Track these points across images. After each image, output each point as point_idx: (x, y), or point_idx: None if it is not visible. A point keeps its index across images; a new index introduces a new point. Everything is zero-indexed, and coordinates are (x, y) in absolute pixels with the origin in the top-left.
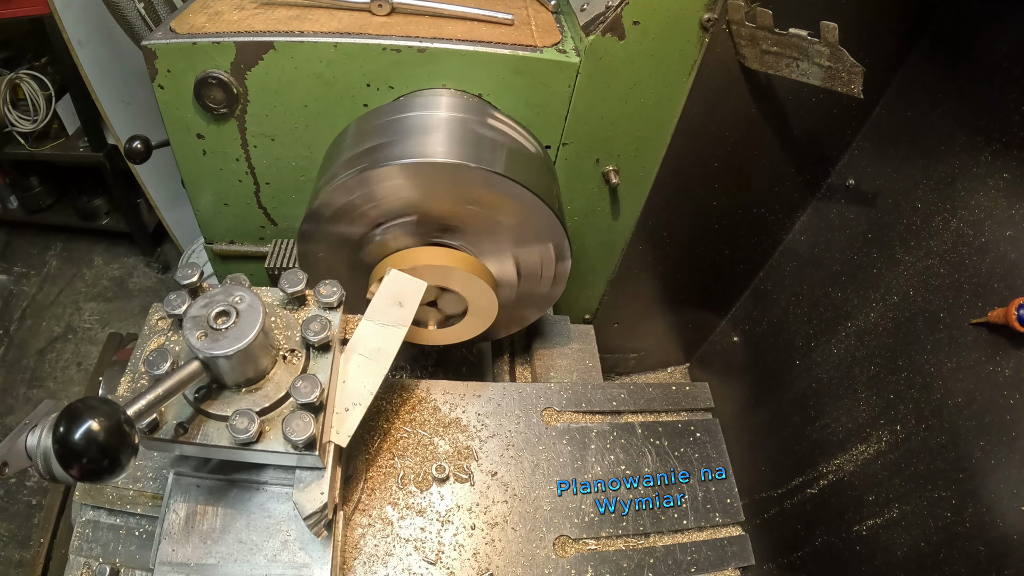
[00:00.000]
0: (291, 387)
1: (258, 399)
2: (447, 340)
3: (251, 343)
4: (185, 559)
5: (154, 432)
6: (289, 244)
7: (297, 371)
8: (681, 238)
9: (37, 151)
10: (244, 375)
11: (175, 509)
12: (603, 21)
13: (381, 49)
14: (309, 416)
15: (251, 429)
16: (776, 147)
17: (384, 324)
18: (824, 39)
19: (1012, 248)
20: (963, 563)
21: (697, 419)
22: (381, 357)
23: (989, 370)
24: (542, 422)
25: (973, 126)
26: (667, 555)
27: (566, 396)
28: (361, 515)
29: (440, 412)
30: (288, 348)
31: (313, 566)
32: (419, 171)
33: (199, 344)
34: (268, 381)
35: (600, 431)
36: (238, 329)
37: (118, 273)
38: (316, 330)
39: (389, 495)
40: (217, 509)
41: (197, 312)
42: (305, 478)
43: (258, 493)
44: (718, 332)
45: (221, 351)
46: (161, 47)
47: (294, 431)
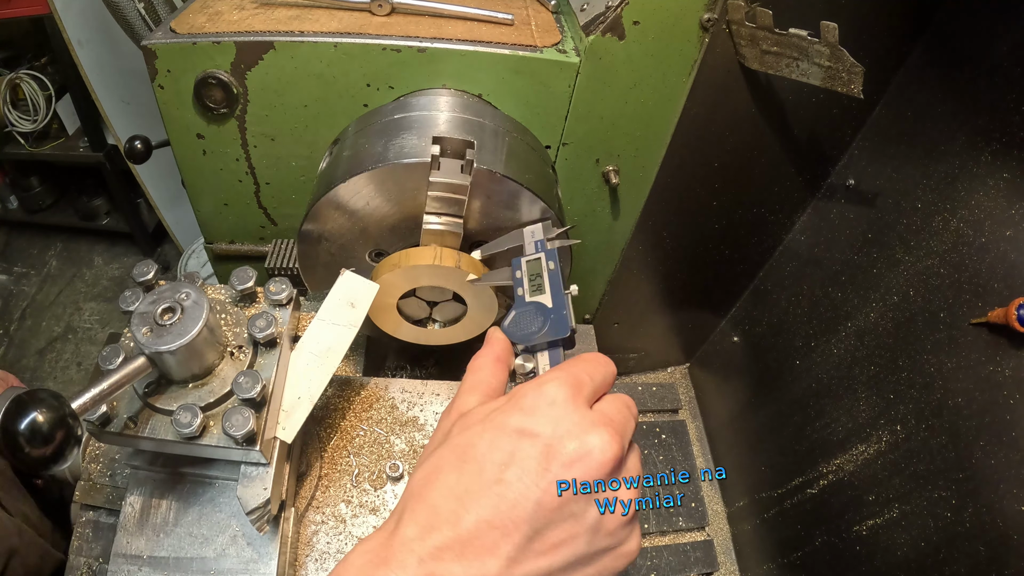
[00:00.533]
0: (233, 383)
1: (203, 394)
2: (448, 340)
3: (194, 338)
4: (138, 551)
5: (106, 426)
6: (289, 244)
7: (244, 366)
8: (681, 238)
9: (37, 151)
10: (190, 371)
11: (131, 502)
12: (603, 21)
13: (381, 49)
14: (249, 411)
15: (194, 424)
16: (776, 147)
17: (335, 324)
18: (824, 39)
19: (1012, 248)
20: (963, 563)
21: (664, 420)
22: (331, 356)
23: (989, 370)
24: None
25: (973, 126)
26: None
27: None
28: (315, 512)
29: (397, 411)
30: (236, 344)
31: (260, 562)
32: (418, 171)
33: (144, 340)
34: (214, 377)
35: None
36: (182, 325)
37: (118, 273)
38: (262, 327)
39: (343, 493)
40: (170, 503)
41: (145, 308)
42: (250, 473)
43: (209, 488)
44: (718, 332)
45: (165, 347)
46: (161, 47)
47: (233, 426)
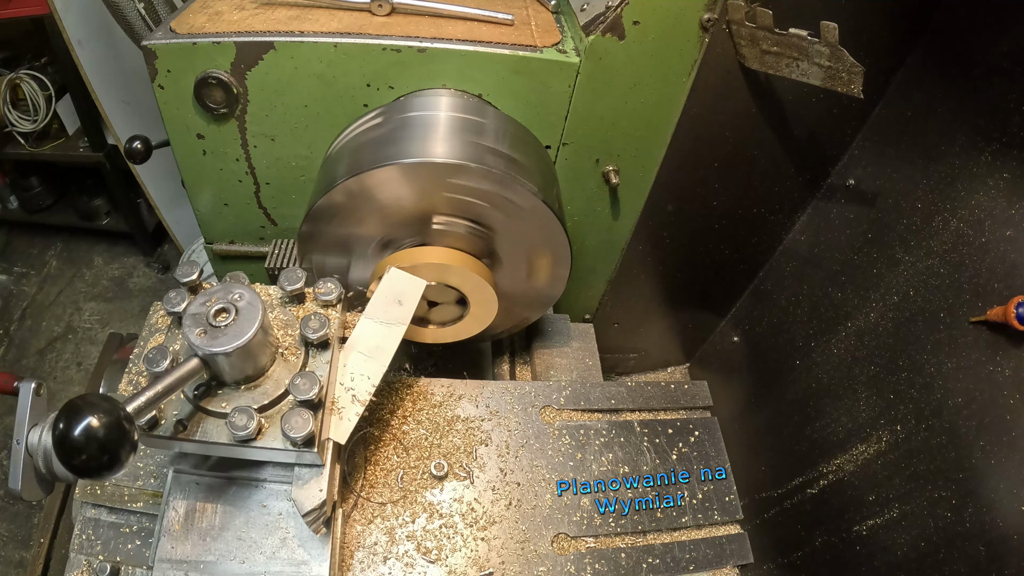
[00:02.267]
0: (290, 384)
1: (257, 396)
2: (448, 339)
3: (250, 340)
4: (184, 556)
5: (153, 429)
6: (289, 244)
7: (296, 368)
8: (681, 238)
9: (37, 151)
10: (243, 372)
11: (174, 506)
12: (603, 21)
13: (381, 49)
14: (308, 413)
15: (250, 426)
16: (776, 147)
17: (383, 322)
18: (824, 39)
19: (1012, 248)
20: (963, 563)
21: (696, 417)
22: (380, 355)
23: (989, 370)
24: (541, 420)
25: (973, 126)
26: (665, 553)
27: (565, 394)
28: (360, 512)
29: (440, 410)
30: (287, 345)
31: (312, 563)
32: (417, 171)
33: (198, 341)
34: (267, 378)
35: (598, 429)
36: (237, 326)
37: (118, 273)
38: (315, 328)
39: (388, 493)
40: (216, 506)
41: (196, 309)
42: (304, 475)
43: (257, 490)
44: (718, 332)
45: (220, 348)
46: (161, 47)
47: (293, 428)
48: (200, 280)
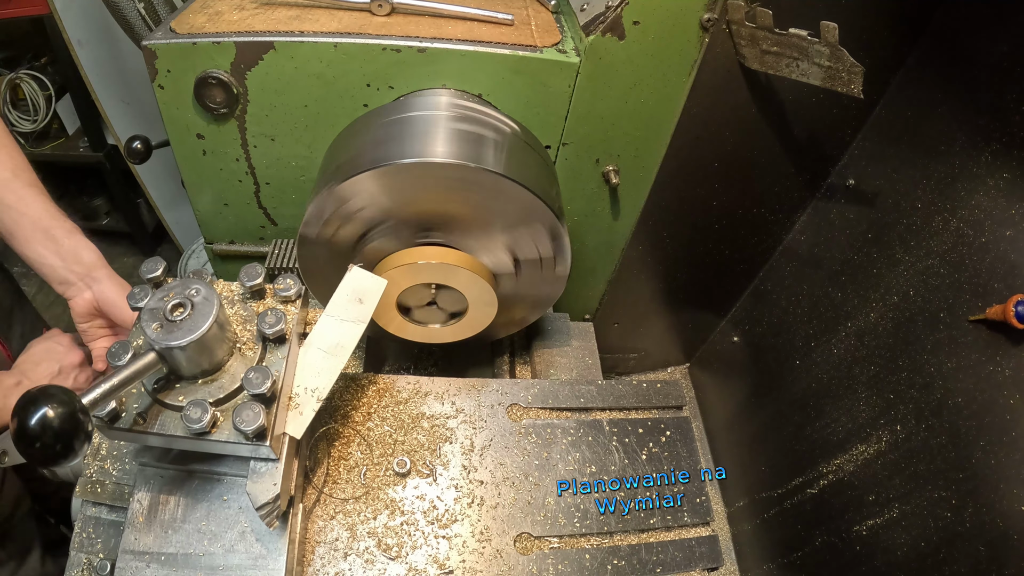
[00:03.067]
0: (244, 379)
1: (213, 390)
2: (448, 338)
3: (204, 334)
4: (147, 548)
5: (115, 422)
6: (289, 244)
7: (253, 363)
8: (681, 238)
9: (37, 151)
10: (200, 366)
11: (139, 499)
12: (603, 21)
13: (381, 49)
14: (259, 407)
15: (204, 419)
16: (776, 147)
17: (343, 320)
18: (824, 39)
19: (1012, 248)
20: (963, 563)
21: (668, 417)
22: (339, 352)
23: (989, 370)
24: (508, 419)
25: (973, 126)
26: (632, 554)
27: (532, 392)
28: (322, 508)
29: (405, 407)
30: (245, 340)
31: (269, 557)
32: (416, 171)
33: (154, 335)
34: (224, 373)
35: (566, 428)
36: (192, 321)
37: (118, 273)
38: (271, 323)
39: (351, 489)
40: (178, 499)
41: (155, 304)
42: (259, 469)
43: (218, 484)
44: (718, 332)
45: (175, 342)
46: (161, 47)
47: (244, 421)
48: (164, 276)
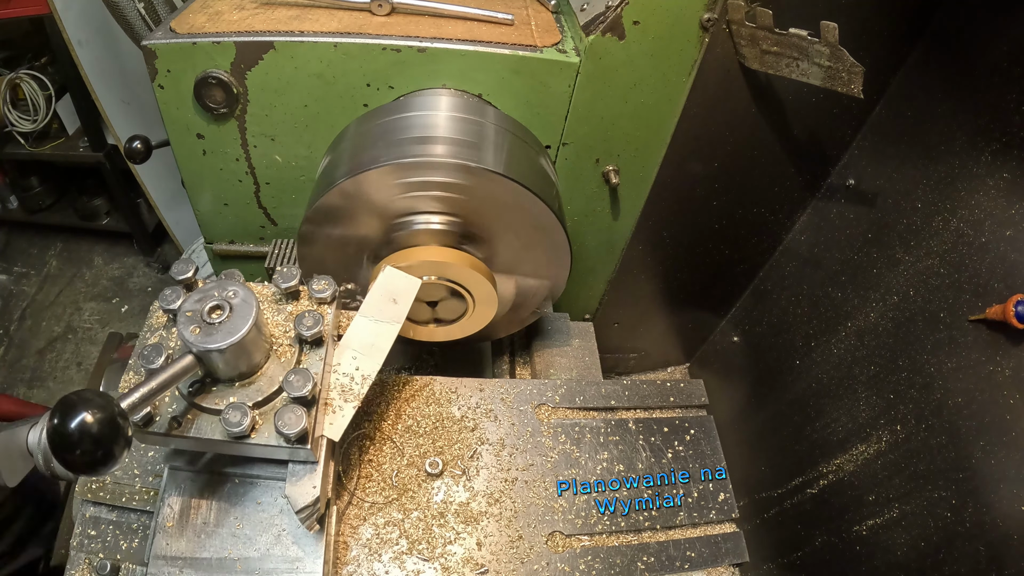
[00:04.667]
0: (283, 381)
1: (251, 393)
2: (448, 337)
3: (244, 337)
4: (179, 553)
5: (148, 426)
6: (289, 244)
7: (290, 365)
8: (681, 238)
9: (37, 151)
10: (237, 369)
11: (169, 503)
12: (603, 21)
13: (381, 49)
14: (301, 410)
15: (244, 423)
16: (776, 147)
17: (378, 320)
18: (824, 39)
19: (1012, 248)
20: (963, 563)
21: (691, 416)
22: (375, 353)
23: (989, 370)
24: (536, 418)
25: (973, 126)
26: (660, 551)
27: (560, 392)
28: (355, 510)
29: (436, 408)
30: (281, 343)
31: (306, 560)
32: (417, 171)
33: (192, 338)
34: (261, 375)
35: (594, 428)
36: (231, 323)
37: (118, 273)
38: (309, 325)
39: (383, 491)
40: (211, 503)
41: (191, 307)
42: (298, 472)
43: (252, 487)
44: (718, 332)
45: (215, 345)
46: (161, 47)
47: (286, 424)
48: (196, 277)
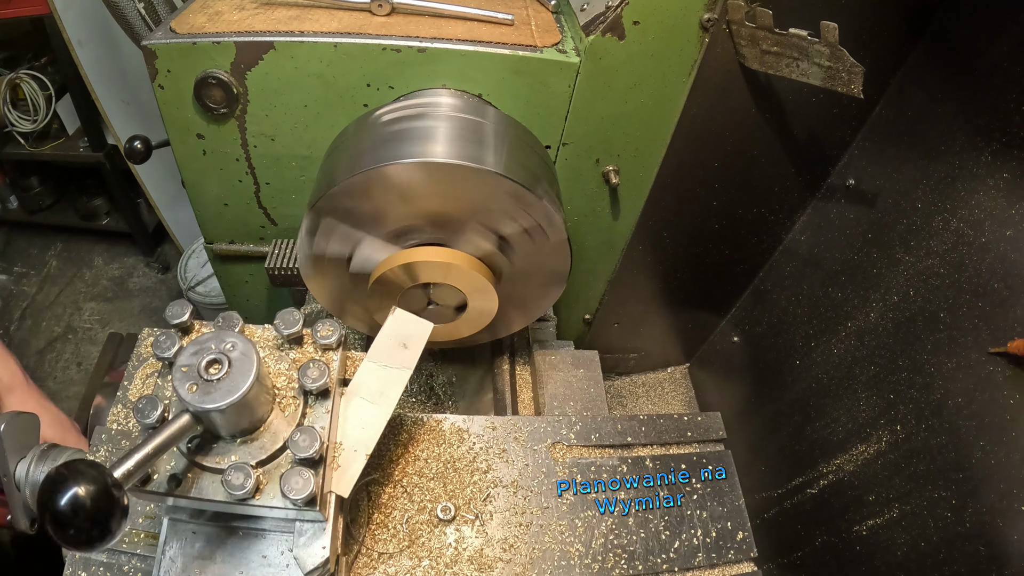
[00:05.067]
0: (289, 441)
1: (254, 450)
2: (445, 338)
3: (245, 395)
4: None
5: (146, 484)
6: (289, 244)
7: (295, 420)
8: (681, 238)
9: (37, 151)
10: (239, 426)
11: (171, 556)
12: (603, 21)
13: (381, 49)
14: (308, 472)
15: (247, 485)
16: (776, 147)
17: (387, 366)
18: (824, 39)
19: (1012, 248)
20: (963, 563)
21: (709, 451)
22: (384, 401)
23: (989, 370)
24: (551, 458)
25: (973, 126)
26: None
27: (575, 430)
28: (365, 559)
29: (447, 449)
30: (285, 394)
31: None
32: (417, 171)
33: (189, 397)
34: (264, 431)
35: (610, 467)
36: (231, 380)
37: (118, 273)
38: (314, 377)
39: (394, 539)
40: (215, 556)
41: (187, 361)
42: (306, 531)
43: (258, 541)
44: (718, 332)
45: (213, 405)
46: (161, 47)
47: (293, 489)
48: (191, 320)
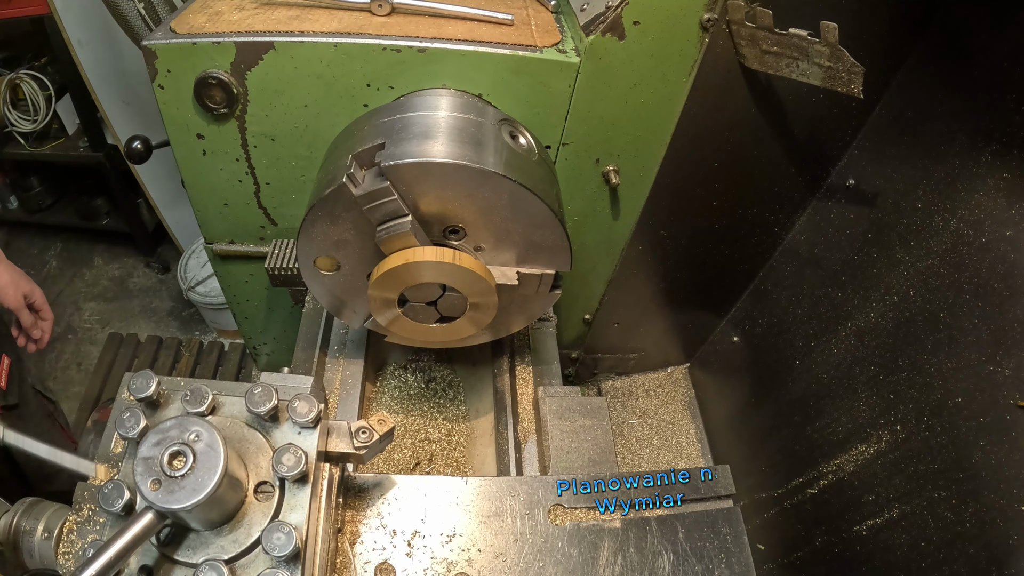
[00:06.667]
0: (263, 537)
1: (227, 544)
2: (446, 336)
3: (212, 494)
4: None
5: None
6: (289, 244)
7: (271, 510)
8: (681, 238)
9: (37, 151)
10: (208, 520)
11: None
12: (603, 21)
13: (381, 49)
14: (284, 573)
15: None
16: (776, 147)
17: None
18: (824, 39)
19: (1012, 248)
20: (963, 563)
21: (717, 508)
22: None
23: (989, 370)
24: (549, 522)
25: (973, 126)
26: None
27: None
28: None
29: (434, 516)
30: (260, 478)
31: None
32: (418, 171)
33: (152, 495)
34: (239, 522)
35: (611, 530)
36: (196, 477)
37: (118, 273)
38: (290, 465)
39: None
40: None
41: (148, 452)
42: None
43: None
44: (718, 332)
45: (178, 505)
46: (161, 47)
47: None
48: (158, 392)
